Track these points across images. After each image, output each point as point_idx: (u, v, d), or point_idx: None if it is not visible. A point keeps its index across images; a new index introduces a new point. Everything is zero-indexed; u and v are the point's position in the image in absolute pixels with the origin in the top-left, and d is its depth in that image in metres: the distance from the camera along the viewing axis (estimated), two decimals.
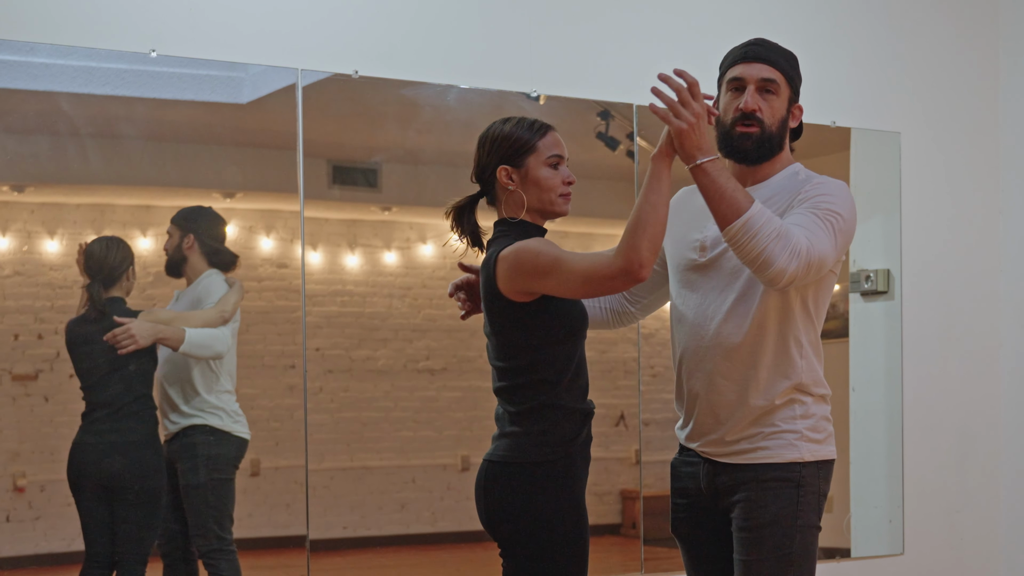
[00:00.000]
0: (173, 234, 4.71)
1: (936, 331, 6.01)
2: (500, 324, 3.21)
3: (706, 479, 3.31)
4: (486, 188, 3.31)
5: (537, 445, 3.17)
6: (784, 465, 3.21)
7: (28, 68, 4.46)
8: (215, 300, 4.69)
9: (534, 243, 3.16)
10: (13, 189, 4.64)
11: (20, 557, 4.66)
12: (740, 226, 3.05)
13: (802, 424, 3.24)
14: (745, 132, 3.25)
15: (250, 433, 4.80)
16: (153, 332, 4.54)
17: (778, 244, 3.03)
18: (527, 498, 3.16)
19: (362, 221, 5.34)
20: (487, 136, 3.30)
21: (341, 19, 4.85)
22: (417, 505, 5.35)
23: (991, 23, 6.15)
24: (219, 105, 4.79)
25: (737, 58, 3.31)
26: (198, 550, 4.66)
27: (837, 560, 5.83)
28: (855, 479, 5.91)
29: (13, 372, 4.62)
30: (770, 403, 3.22)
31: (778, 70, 3.28)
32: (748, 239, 3.04)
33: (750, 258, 3.06)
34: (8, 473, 4.61)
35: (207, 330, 4.63)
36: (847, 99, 5.80)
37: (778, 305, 3.21)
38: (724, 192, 3.07)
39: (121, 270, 4.57)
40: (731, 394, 3.25)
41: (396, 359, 5.28)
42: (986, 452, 6.12)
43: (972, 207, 6.11)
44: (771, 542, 3.19)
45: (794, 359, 3.23)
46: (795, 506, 3.20)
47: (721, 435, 3.27)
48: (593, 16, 5.28)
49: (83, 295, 4.52)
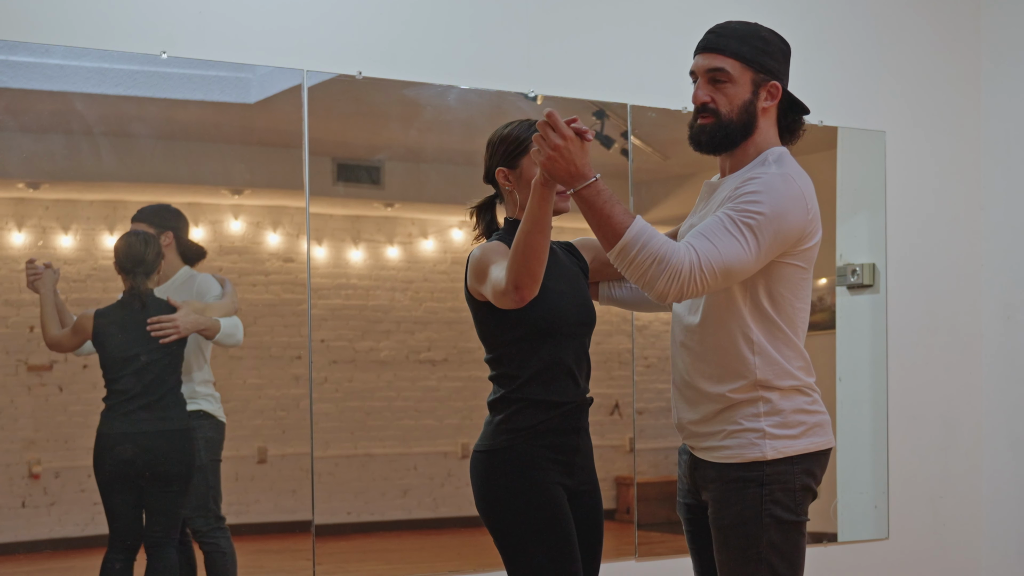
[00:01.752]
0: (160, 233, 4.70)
1: (920, 323, 6.01)
2: (474, 320, 3.28)
3: (689, 470, 3.26)
4: (496, 189, 3.33)
5: (500, 433, 3.21)
6: (745, 465, 3.10)
7: (43, 69, 4.45)
8: (216, 294, 4.71)
9: (488, 248, 3.18)
10: (29, 186, 4.62)
11: (36, 541, 4.65)
12: (617, 252, 2.95)
13: (766, 421, 3.11)
14: (702, 124, 3.13)
15: (243, 422, 4.86)
16: (195, 323, 4.59)
17: (655, 268, 2.91)
18: (489, 482, 3.21)
19: (365, 217, 5.32)
20: (489, 140, 3.30)
21: (345, 22, 4.86)
22: (419, 491, 5.34)
23: (973, 27, 6.15)
24: (227, 105, 4.78)
25: (695, 50, 3.20)
26: (199, 530, 4.67)
27: (824, 544, 5.83)
28: (841, 466, 5.90)
29: (29, 363, 4.61)
30: (725, 399, 3.12)
31: (729, 55, 3.13)
32: (627, 264, 2.95)
33: (633, 280, 2.98)
34: (24, 460, 4.60)
35: (232, 319, 4.68)
36: (834, 99, 5.80)
37: (724, 303, 3.11)
38: (601, 217, 2.95)
39: (156, 264, 4.60)
40: (693, 388, 3.17)
41: (398, 350, 5.26)
42: (968, 440, 6.13)
43: (955, 203, 6.11)
44: (736, 543, 3.10)
45: (745, 356, 3.11)
46: (759, 505, 3.09)
47: (694, 429, 3.19)
48: (588, 20, 5.28)
49: (124, 284, 4.54)
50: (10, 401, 4.61)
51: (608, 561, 5.34)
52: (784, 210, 3.04)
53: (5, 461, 4.60)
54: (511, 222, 3.28)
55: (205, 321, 4.61)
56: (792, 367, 3.14)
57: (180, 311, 4.56)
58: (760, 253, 3.00)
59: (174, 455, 4.56)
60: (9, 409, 4.62)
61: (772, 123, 3.19)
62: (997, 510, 6.10)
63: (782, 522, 3.11)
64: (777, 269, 3.10)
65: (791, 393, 3.15)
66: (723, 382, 3.12)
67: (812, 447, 3.16)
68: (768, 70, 3.15)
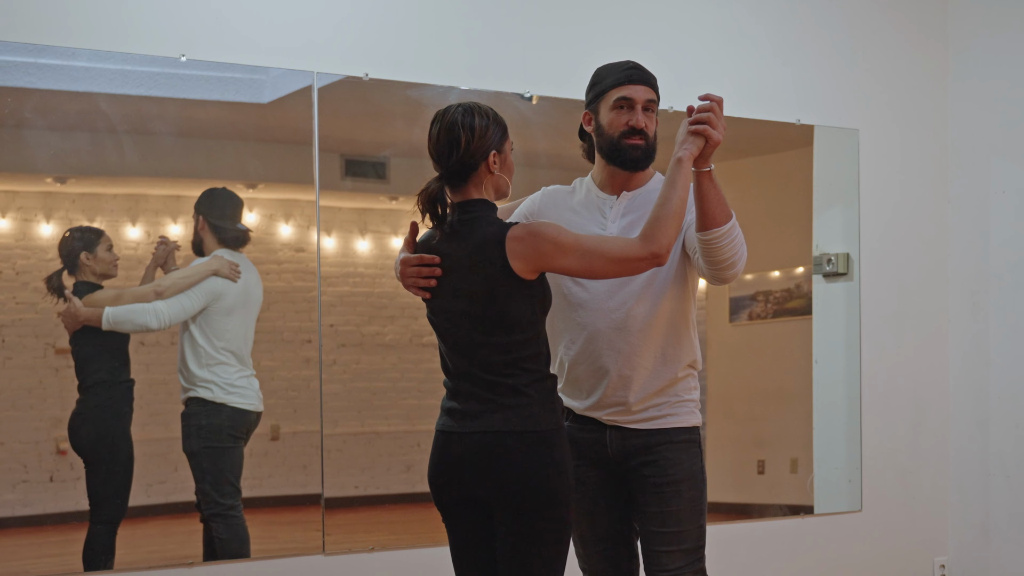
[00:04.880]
0: (197, 219, 4.75)
1: (891, 309, 6.01)
2: (506, 302, 3.08)
3: (614, 444, 3.36)
4: (467, 173, 3.17)
5: (548, 413, 3.10)
6: (689, 429, 3.38)
7: (69, 71, 4.43)
8: (185, 272, 4.69)
9: (549, 226, 3.10)
10: (56, 181, 4.62)
11: (63, 513, 4.64)
12: (727, 229, 3.14)
13: (695, 395, 3.41)
14: (635, 144, 3.32)
15: (255, 404, 4.78)
16: (75, 315, 4.54)
17: (743, 250, 3.18)
18: (546, 463, 3.07)
19: (372, 210, 5.24)
20: (477, 124, 3.15)
21: (353, 27, 4.86)
22: (422, 467, 5.20)
23: (940, 30, 6.13)
24: (242, 105, 4.77)
25: (622, 80, 3.33)
26: (202, 512, 4.68)
27: (802, 516, 5.84)
28: (818, 442, 5.90)
29: (56, 346, 4.58)
30: (674, 375, 3.35)
31: (655, 92, 3.36)
32: (729, 242, 3.14)
33: (722, 257, 3.15)
34: (51, 438, 4.58)
35: (130, 306, 4.60)
36: (810, 99, 5.80)
37: (678, 290, 3.32)
38: (722, 197, 3.15)
39: (73, 257, 4.58)
40: (643, 369, 3.30)
41: (402, 334, 5.23)
42: (936, 418, 6.12)
43: (923, 197, 6.10)
44: (688, 493, 3.34)
45: (690, 336, 3.37)
46: (700, 463, 3.38)
47: (628, 405, 3.32)
48: (582, 24, 5.27)
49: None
50: (39, 382, 4.59)
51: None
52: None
53: (34, 438, 4.58)
54: (491, 205, 3.18)
55: (86, 312, 4.54)
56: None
57: (68, 307, 4.53)
58: None
59: (93, 434, 4.57)
60: (38, 389, 4.59)
61: None
62: (963, 483, 6.11)
63: (705, 480, 3.42)
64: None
65: (697, 376, 3.45)
66: (674, 364, 3.33)
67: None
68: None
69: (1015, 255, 5.92)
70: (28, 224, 4.59)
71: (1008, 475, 5.93)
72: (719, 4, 5.64)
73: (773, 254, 6.03)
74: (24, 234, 4.59)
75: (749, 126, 5.58)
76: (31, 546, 4.54)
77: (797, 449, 5.97)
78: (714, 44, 5.60)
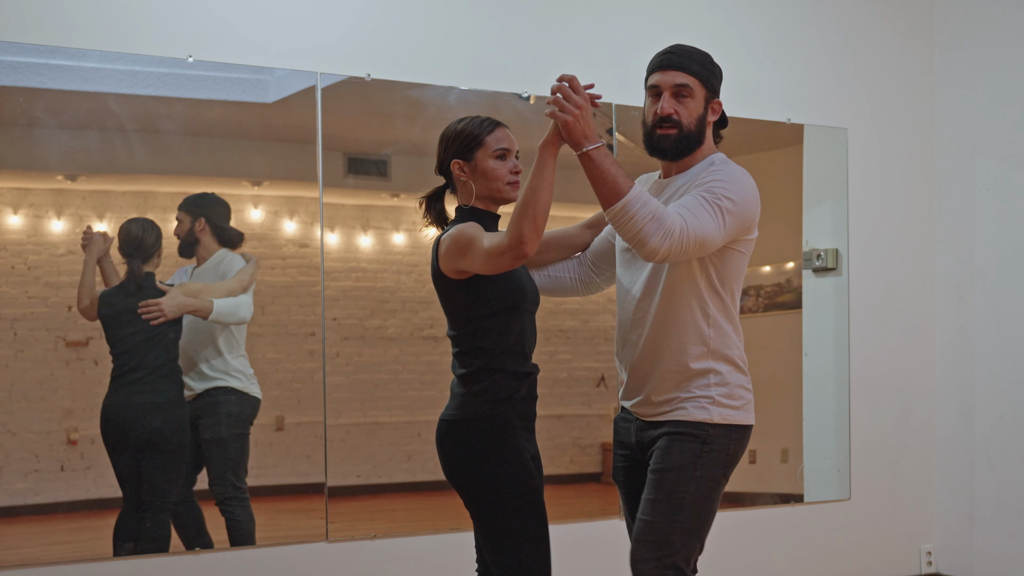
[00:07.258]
0: (183, 220, 4.70)
1: (879, 303, 6.01)
2: (445, 299, 3.21)
3: (636, 434, 3.32)
4: (448, 180, 3.28)
5: (478, 403, 3.16)
6: (693, 423, 3.20)
7: (80, 72, 4.44)
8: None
9: (466, 227, 3.12)
10: (67, 178, 4.62)
11: (74, 502, 4.66)
12: (619, 208, 3.01)
13: (717, 391, 3.21)
14: (664, 134, 3.22)
15: (262, 393, 4.80)
16: (181, 305, 4.55)
17: (651, 225, 2.99)
18: (471, 450, 3.15)
19: (374, 206, 5.25)
20: (443, 135, 3.25)
21: (356, 29, 4.86)
22: (422, 456, 5.26)
23: (927, 32, 6.13)
24: (248, 104, 4.78)
25: (654, 67, 3.26)
26: (216, 497, 4.68)
27: (792, 505, 5.84)
28: (807, 433, 5.91)
29: (67, 339, 4.60)
30: (685, 368, 3.21)
31: (691, 75, 3.22)
32: (626, 220, 3.00)
33: (628, 236, 3.02)
34: (62, 428, 4.58)
35: (232, 299, 4.64)
36: (800, 99, 5.80)
37: (684, 281, 3.19)
38: (606, 177, 3.02)
39: (155, 248, 4.59)
40: (651, 360, 3.24)
41: (404, 328, 5.24)
42: (922, 409, 6.12)
43: (910, 194, 6.10)
44: (668, 485, 3.19)
45: (702, 328, 3.20)
46: (696, 459, 3.19)
47: (647, 396, 3.26)
48: (578, 26, 5.27)
49: (123, 270, 4.53)
50: (50, 374, 4.60)
51: (595, 520, 5.40)
52: (746, 200, 3.16)
53: (46, 429, 4.57)
54: (466, 210, 3.24)
55: (194, 303, 4.58)
56: (736, 339, 3.25)
57: (167, 295, 4.53)
58: (725, 233, 3.12)
59: (168, 427, 4.56)
60: (49, 381, 4.60)
61: (710, 133, 3.31)
62: (948, 472, 6.11)
63: (709, 478, 3.22)
64: (726, 253, 3.20)
65: (738, 371, 3.27)
66: (683, 353, 3.20)
67: (747, 420, 3.28)
68: (715, 90, 3.28)
69: (999, 251, 5.91)
70: (39, 220, 4.59)
71: (992, 464, 5.92)
72: (712, 6, 5.63)
73: (764, 250, 5.99)
74: (36, 230, 4.59)
75: (741, 125, 5.56)
76: (42, 534, 4.54)
77: (788, 439, 5.97)
78: (707, 45, 5.48)
